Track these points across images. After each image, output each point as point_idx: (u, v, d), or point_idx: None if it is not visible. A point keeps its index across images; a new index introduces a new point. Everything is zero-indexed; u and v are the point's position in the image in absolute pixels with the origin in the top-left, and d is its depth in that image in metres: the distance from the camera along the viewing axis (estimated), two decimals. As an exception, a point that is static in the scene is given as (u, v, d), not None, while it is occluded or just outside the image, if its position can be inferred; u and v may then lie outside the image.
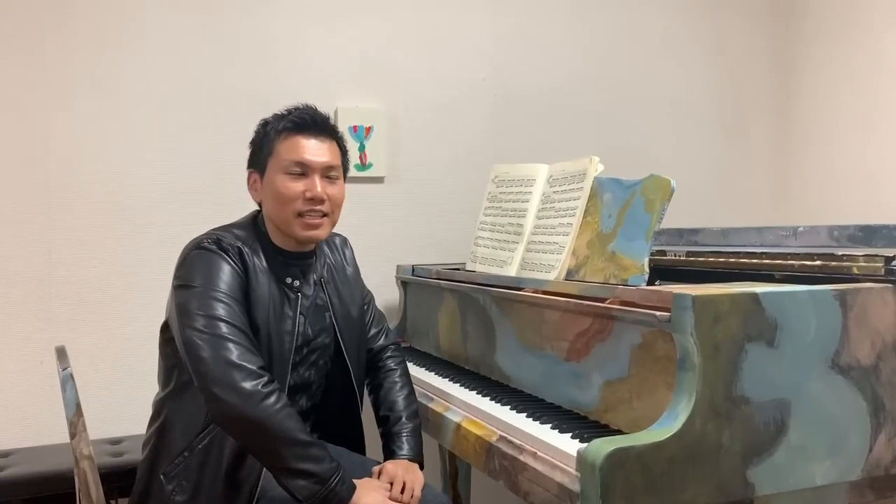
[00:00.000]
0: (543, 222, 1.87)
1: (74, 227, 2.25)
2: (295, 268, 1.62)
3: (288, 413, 1.38)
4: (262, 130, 1.62)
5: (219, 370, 1.37)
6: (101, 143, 2.27)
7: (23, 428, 2.20)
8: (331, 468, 1.38)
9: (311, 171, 1.56)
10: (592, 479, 1.15)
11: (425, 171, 2.64)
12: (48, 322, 2.22)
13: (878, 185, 2.69)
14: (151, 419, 1.61)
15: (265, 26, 2.44)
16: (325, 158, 1.58)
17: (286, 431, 1.36)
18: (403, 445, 1.63)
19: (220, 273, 1.47)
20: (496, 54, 2.73)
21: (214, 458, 1.49)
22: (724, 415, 1.23)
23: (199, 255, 1.50)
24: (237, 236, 1.55)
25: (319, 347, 1.67)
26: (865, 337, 1.35)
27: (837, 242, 1.75)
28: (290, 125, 1.58)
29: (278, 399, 1.38)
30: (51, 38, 2.22)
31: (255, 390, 1.36)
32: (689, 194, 2.18)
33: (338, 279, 1.72)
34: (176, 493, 1.49)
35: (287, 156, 1.56)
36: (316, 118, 1.60)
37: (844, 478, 1.33)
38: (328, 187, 1.58)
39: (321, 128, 1.60)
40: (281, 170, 1.56)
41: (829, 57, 2.89)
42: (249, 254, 1.53)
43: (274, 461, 1.39)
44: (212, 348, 1.39)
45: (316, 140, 1.58)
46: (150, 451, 1.56)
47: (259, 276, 1.53)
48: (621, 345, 1.42)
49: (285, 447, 1.37)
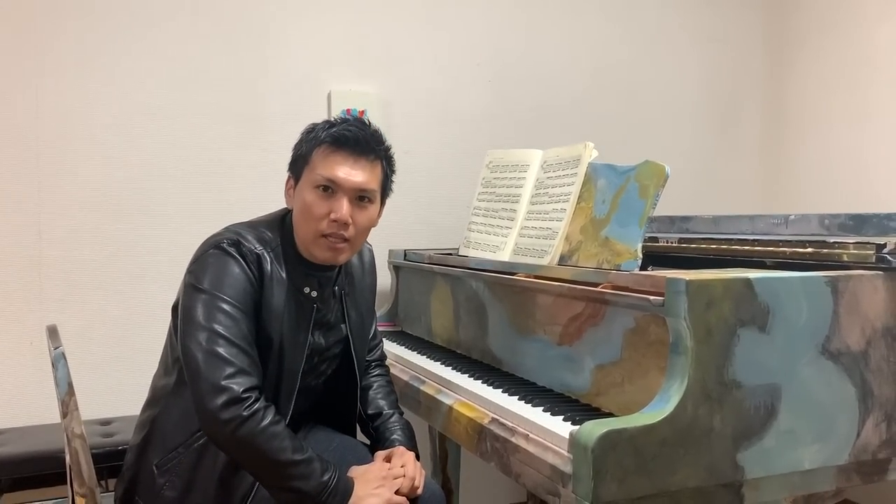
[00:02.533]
0: (537, 208, 1.88)
1: (65, 207, 2.23)
2: (314, 278, 1.55)
3: (272, 432, 1.35)
4: (306, 136, 1.53)
5: (206, 390, 1.34)
6: (91, 123, 2.25)
7: (12, 408, 2.19)
8: (320, 483, 1.37)
9: (341, 192, 1.47)
10: (585, 460, 1.16)
11: (418, 155, 2.63)
12: (39, 303, 2.21)
13: (868, 176, 2.71)
14: (149, 402, 1.57)
15: (259, 8, 2.43)
16: (358, 180, 1.48)
17: (270, 453, 1.34)
18: (401, 436, 1.62)
19: (232, 280, 1.42)
20: (491, 40, 2.72)
21: (208, 460, 1.46)
22: (715, 398, 1.24)
23: (214, 256, 1.44)
24: (260, 239, 1.48)
25: (330, 357, 1.64)
26: (856, 323, 1.36)
27: (828, 231, 1.77)
28: (330, 138, 1.48)
29: (262, 418, 1.34)
30: (40, 18, 2.20)
31: (236, 416, 1.33)
32: (681, 183, 2.19)
33: (357, 290, 1.67)
34: (167, 488, 1.47)
35: (320, 170, 1.47)
36: (359, 136, 1.49)
37: (832, 462, 1.35)
38: (356, 212, 1.49)
39: (363, 146, 1.49)
40: (311, 183, 1.47)
41: (821, 48, 2.90)
42: (269, 261, 1.47)
43: (262, 480, 1.39)
44: (205, 365, 1.36)
45: (354, 159, 1.48)
46: (143, 439, 1.53)
47: (275, 286, 1.47)
48: (614, 329, 1.43)
49: (270, 467, 1.36)
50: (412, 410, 1.85)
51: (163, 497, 1.47)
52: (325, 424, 1.72)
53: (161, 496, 1.47)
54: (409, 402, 1.87)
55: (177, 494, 1.47)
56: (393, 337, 2.29)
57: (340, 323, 1.63)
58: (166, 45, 2.33)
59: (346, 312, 1.63)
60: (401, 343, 2.19)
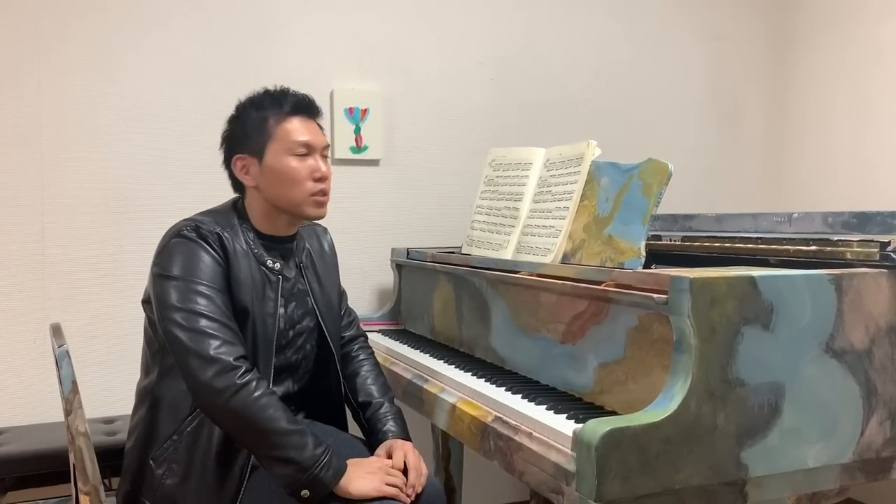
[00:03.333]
0: (540, 206, 1.88)
1: (68, 206, 2.23)
2: (275, 251, 1.62)
3: (266, 402, 1.39)
4: (255, 114, 1.60)
5: (197, 365, 1.39)
6: (94, 122, 2.25)
7: (15, 407, 2.19)
8: (313, 456, 1.39)
9: (314, 152, 1.60)
10: (588, 458, 1.16)
11: (421, 154, 2.63)
12: (41, 301, 2.22)
13: (871, 174, 2.71)
14: (136, 407, 1.60)
15: (262, 7, 2.43)
16: (323, 137, 1.63)
17: (264, 421, 1.38)
18: (395, 426, 1.64)
19: (200, 263, 1.48)
20: (493, 38, 2.72)
21: (204, 440, 1.48)
22: (719, 396, 1.24)
23: (178, 244, 1.50)
24: (217, 221, 1.55)
25: (305, 331, 1.67)
26: (859, 321, 1.36)
27: (832, 229, 1.77)
28: (290, 108, 1.59)
29: (255, 388, 1.38)
30: (44, 17, 2.20)
31: (231, 383, 1.37)
32: (683, 182, 2.19)
33: (318, 265, 1.73)
34: (166, 477, 1.49)
35: (293, 137, 1.57)
36: (308, 100, 1.63)
37: (836, 460, 1.35)
38: (324, 166, 1.62)
39: (314, 109, 1.64)
40: (286, 151, 1.57)
41: (824, 46, 2.90)
42: (229, 238, 1.53)
43: (255, 449, 1.42)
44: (191, 342, 1.40)
45: (312, 121, 1.63)
46: (137, 438, 1.56)
47: (240, 260, 1.53)
48: (617, 327, 1.43)
49: (264, 436, 1.38)
50: (415, 409, 1.85)
51: (164, 487, 1.49)
52: (318, 419, 1.72)
53: (162, 486, 1.49)
54: (412, 400, 1.87)
55: (177, 481, 1.49)
56: (395, 335, 2.29)
57: (306, 296, 1.68)
58: (169, 44, 2.33)
59: (309, 284, 1.69)
60: (403, 341, 2.19)
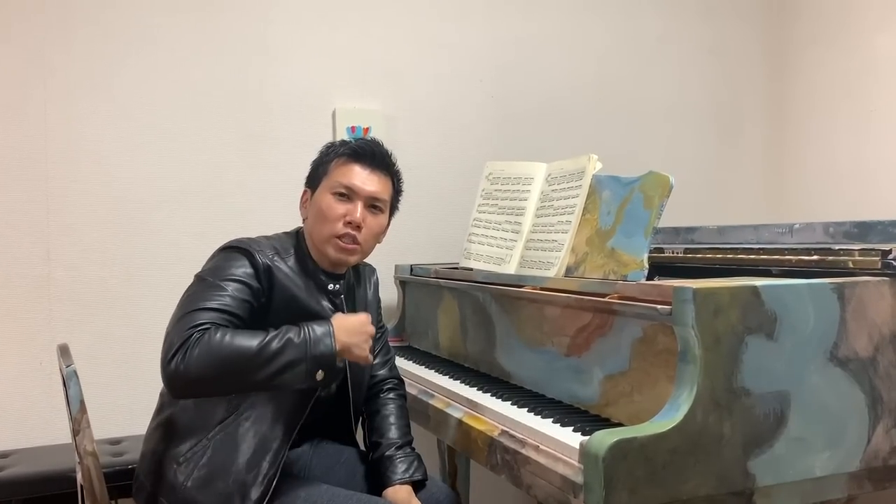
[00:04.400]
0: (542, 220, 1.89)
1: (73, 227, 2.25)
2: (328, 283, 1.64)
3: (230, 338, 1.38)
4: (325, 151, 1.68)
5: (171, 331, 1.41)
6: (99, 143, 2.27)
7: (22, 429, 2.20)
8: (299, 344, 1.40)
9: (357, 197, 1.61)
10: (596, 470, 1.16)
11: (423, 171, 2.65)
12: (47, 323, 2.22)
13: (872, 184, 2.72)
14: (156, 413, 1.60)
15: (264, 27, 2.45)
16: (372, 188, 1.63)
17: (238, 351, 1.37)
18: (397, 469, 1.62)
19: (234, 269, 1.50)
20: (493, 56, 2.74)
21: (231, 448, 1.47)
22: (724, 406, 1.24)
23: (224, 253, 1.55)
24: (274, 247, 1.58)
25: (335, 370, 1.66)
26: (863, 330, 1.36)
27: (833, 239, 1.77)
28: (349, 151, 1.64)
29: (215, 332, 1.38)
30: (49, 37, 2.23)
31: (188, 335, 1.38)
32: (684, 194, 2.19)
33: (357, 304, 1.73)
34: (188, 481, 1.47)
35: (338, 178, 1.61)
36: (375, 150, 1.65)
37: (843, 469, 1.34)
38: (368, 217, 1.62)
39: (378, 161, 1.65)
40: (329, 189, 1.61)
41: (823, 58, 2.92)
42: (279, 266, 1.56)
43: (250, 383, 1.40)
44: (179, 316, 1.43)
45: (369, 171, 1.63)
46: (161, 439, 1.55)
47: (292, 288, 1.55)
48: (622, 339, 1.43)
49: (248, 365, 1.38)
50: (421, 425, 1.85)
51: (185, 490, 1.47)
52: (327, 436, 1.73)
53: (184, 489, 1.47)
54: (418, 416, 1.87)
55: (199, 485, 1.47)
56: (400, 352, 2.29)
57: None
58: (172, 66, 2.35)
59: None
60: (408, 358, 2.19)
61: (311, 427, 1.69)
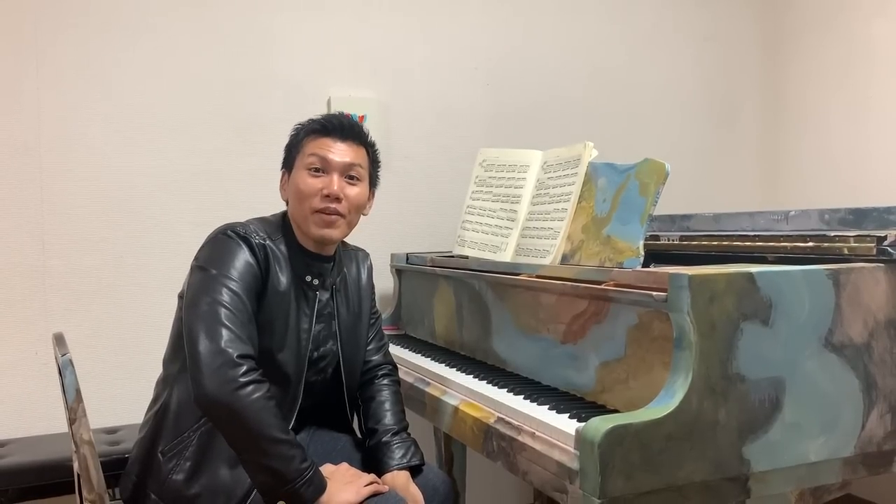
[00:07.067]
0: (538, 208, 1.88)
1: (68, 217, 2.24)
2: (314, 268, 1.63)
3: (263, 406, 1.37)
4: (295, 132, 1.67)
5: (205, 352, 1.38)
6: (92, 132, 2.26)
7: (18, 418, 2.19)
8: (297, 470, 1.38)
9: (332, 170, 1.59)
10: (591, 456, 1.17)
11: (418, 159, 2.64)
12: (42, 312, 2.22)
13: (867, 171, 2.72)
14: (152, 402, 1.60)
15: (258, 15, 2.44)
16: (346, 158, 1.60)
17: (258, 425, 1.36)
18: (394, 455, 1.61)
19: (235, 261, 1.49)
20: (488, 43, 2.73)
21: (218, 441, 1.47)
22: (720, 392, 1.25)
23: (222, 241, 1.53)
24: (265, 230, 1.58)
25: (328, 355, 1.67)
26: (858, 316, 1.37)
27: (828, 226, 1.78)
28: (318, 126, 1.62)
29: (256, 389, 1.37)
30: (42, 30, 2.21)
31: (233, 378, 1.36)
32: (680, 182, 2.20)
33: (349, 290, 1.73)
34: (174, 472, 1.49)
35: (310, 153, 1.60)
36: (343, 122, 1.63)
37: (838, 454, 1.35)
38: (347, 187, 1.60)
39: (348, 131, 1.63)
40: (304, 166, 1.60)
41: (818, 45, 2.91)
42: (273, 248, 1.56)
43: (242, 451, 1.40)
44: (205, 330, 1.40)
45: (342, 142, 1.61)
46: (149, 430, 1.56)
47: (280, 272, 1.56)
48: (617, 326, 1.44)
49: (254, 440, 1.37)
50: (417, 412, 1.86)
51: (171, 482, 1.48)
52: (324, 424, 1.73)
53: (169, 481, 1.48)
54: (414, 404, 1.87)
55: (185, 477, 1.48)
56: (396, 340, 2.30)
57: (332, 319, 1.68)
58: (166, 55, 2.33)
59: (337, 308, 1.69)
60: (404, 346, 2.20)
61: (307, 415, 1.70)
